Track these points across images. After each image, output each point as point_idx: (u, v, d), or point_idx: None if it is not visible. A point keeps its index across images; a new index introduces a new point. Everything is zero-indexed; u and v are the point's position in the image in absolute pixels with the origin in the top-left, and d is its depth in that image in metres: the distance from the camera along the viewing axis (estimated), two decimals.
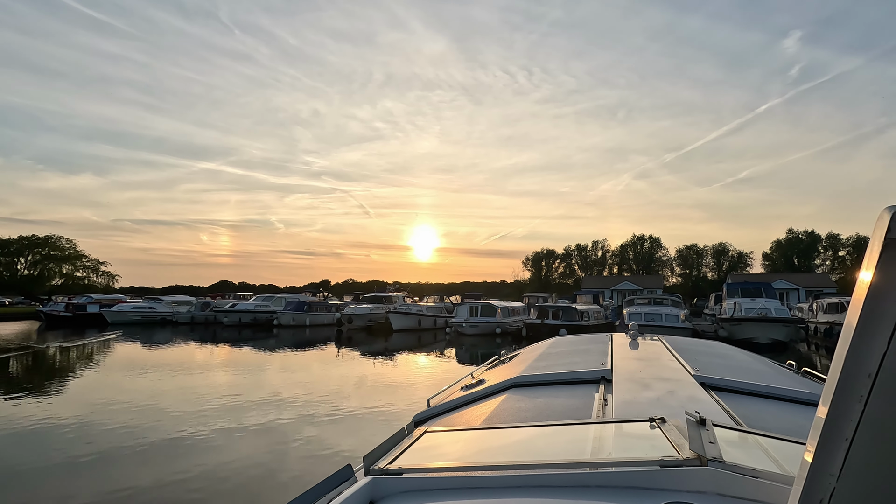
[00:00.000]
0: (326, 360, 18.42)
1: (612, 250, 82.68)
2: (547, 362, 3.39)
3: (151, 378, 13.65)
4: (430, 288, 74.45)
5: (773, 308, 23.19)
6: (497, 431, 1.92)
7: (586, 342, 4.16)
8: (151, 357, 18.42)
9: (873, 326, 0.75)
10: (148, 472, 6.28)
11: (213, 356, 19.10)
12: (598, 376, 2.72)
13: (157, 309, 36.59)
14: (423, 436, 1.82)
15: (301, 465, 6.67)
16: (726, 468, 1.22)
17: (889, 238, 0.68)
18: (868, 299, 0.73)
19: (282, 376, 14.62)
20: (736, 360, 3.51)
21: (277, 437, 7.91)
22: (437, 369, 16.55)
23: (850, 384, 0.80)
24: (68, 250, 67.96)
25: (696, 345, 4.16)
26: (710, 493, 1.20)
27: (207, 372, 15.03)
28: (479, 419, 2.33)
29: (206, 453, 7.05)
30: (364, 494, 1.33)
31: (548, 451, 1.64)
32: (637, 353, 3.45)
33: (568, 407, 2.30)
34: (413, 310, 32.81)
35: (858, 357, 0.77)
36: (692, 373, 2.73)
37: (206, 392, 11.52)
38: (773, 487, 1.15)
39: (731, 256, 74.41)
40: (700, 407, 2.03)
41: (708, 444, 1.33)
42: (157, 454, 7.02)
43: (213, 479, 6.08)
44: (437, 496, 1.30)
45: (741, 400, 2.38)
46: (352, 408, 9.98)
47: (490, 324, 27.01)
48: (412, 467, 1.44)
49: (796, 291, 47.81)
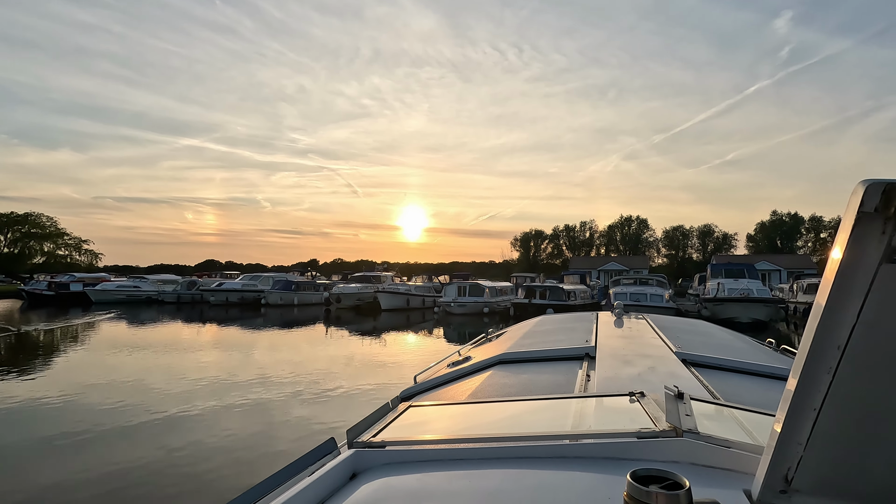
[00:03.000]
0: (314, 340, 18.45)
1: (599, 231, 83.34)
2: (533, 340, 3.43)
3: (137, 357, 13.57)
4: (419, 268, 74.55)
5: (754, 289, 23.65)
6: (481, 406, 1.94)
7: (572, 320, 4.21)
8: (137, 336, 18.29)
9: (843, 299, 0.76)
10: (133, 451, 6.29)
11: (199, 335, 19.02)
12: (583, 353, 2.76)
13: (143, 288, 36.16)
14: (408, 410, 1.84)
15: (288, 441, 6.73)
16: (700, 439, 1.25)
17: (862, 212, 0.69)
18: (839, 272, 0.74)
19: (270, 355, 14.63)
20: (717, 338, 3.58)
21: (265, 416, 7.95)
22: (425, 348, 16.69)
23: (820, 356, 0.81)
24: (49, 228, 66.54)
25: (678, 323, 4.23)
26: (685, 462, 1.23)
27: (194, 351, 14.98)
28: (465, 395, 2.36)
29: (193, 431, 7.07)
30: (347, 466, 1.34)
31: (530, 425, 1.67)
32: (621, 332, 3.50)
33: (552, 382, 2.34)
34: (401, 289, 32.86)
35: (828, 330, 0.79)
36: (674, 350, 2.78)
37: (193, 371, 11.50)
38: (745, 457, 1.19)
39: (716, 238, 75.47)
40: (679, 382, 2.08)
41: (684, 417, 1.36)
42: (142, 433, 7.03)
43: (199, 457, 6.11)
44: (419, 468, 1.31)
45: (720, 375, 2.43)
46: (340, 386, 10.05)
47: (478, 303, 27.19)
48: (395, 440, 1.46)
49: (778, 272, 48.77)
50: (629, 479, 0.83)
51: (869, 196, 0.68)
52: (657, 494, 0.80)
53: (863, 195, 0.68)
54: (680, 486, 0.82)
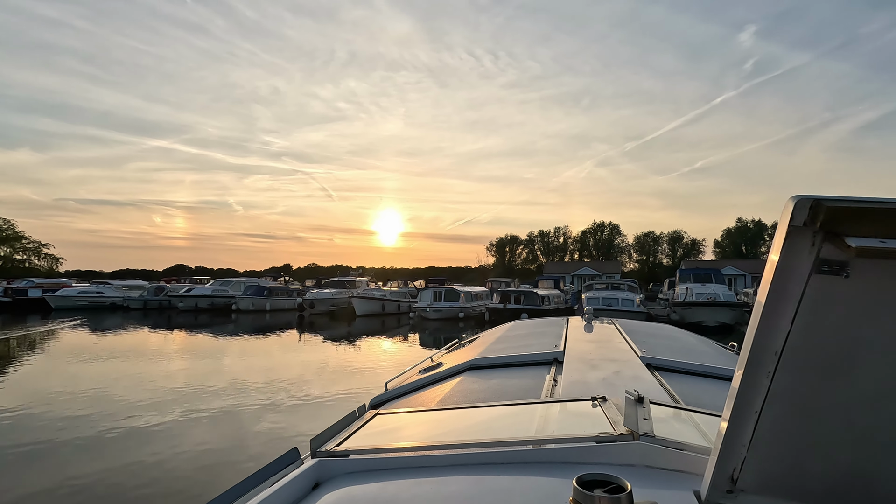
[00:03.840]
0: (287, 346, 18.13)
1: (573, 237, 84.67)
2: (504, 345, 3.46)
3: (100, 366, 13.07)
4: (395, 273, 74.28)
5: (721, 293, 24.41)
6: (449, 413, 1.95)
7: (543, 325, 4.27)
8: (100, 344, 17.61)
9: (779, 307, 0.80)
10: (94, 463, 6.05)
11: (167, 343, 18.45)
12: (551, 358, 2.80)
13: (107, 294, 34.86)
14: (374, 418, 1.84)
15: (257, 451, 6.58)
16: (656, 442, 1.29)
17: (792, 225, 0.73)
18: (774, 282, 0.78)
19: (240, 362, 14.31)
20: (681, 342, 3.68)
21: (233, 425, 7.76)
22: (400, 353, 16.60)
23: (759, 361, 0.86)
24: (6, 231, 63.53)
25: (645, 328, 4.33)
26: (640, 465, 1.26)
27: (161, 359, 14.52)
28: (434, 401, 2.36)
29: (157, 442, 6.85)
30: (309, 476, 1.33)
31: (496, 431, 1.69)
32: (590, 336, 3.57)
33: (520, 388, 2.37)
34: (376, 294, 32.62)
35: (766, 336, 0.83)
36: (639, 354, 2.85)
37: (159, 380, 11.14)
38: (697, 458, 1.23)
39: (685, 243, 77.60)
40: (642, 386, 2.13)
41: (642, 421, 1.40)
42: (104, 444, 6.77)
43: (163, 469, 5.92)
44: (383, 476, 1.31)
45: (682, 379, 2.50)
46: (312, 393, 9.89)
47: (453, 308, 27.22)
48: (360, 448, 1.45)
49: (743, 277, 50.43)
50: (574, 484, 0.86)
51: (798, 211, 0.73)
52: (600, 498, 0.83)
53: (792, 210, 0.73)
54: (623, 489, 0.85)
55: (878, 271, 0.75)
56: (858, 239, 0.70)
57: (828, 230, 0.72)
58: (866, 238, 0.70)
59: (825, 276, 0.75)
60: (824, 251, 0.74)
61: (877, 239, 0.70)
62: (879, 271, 0.75)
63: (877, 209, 0.71)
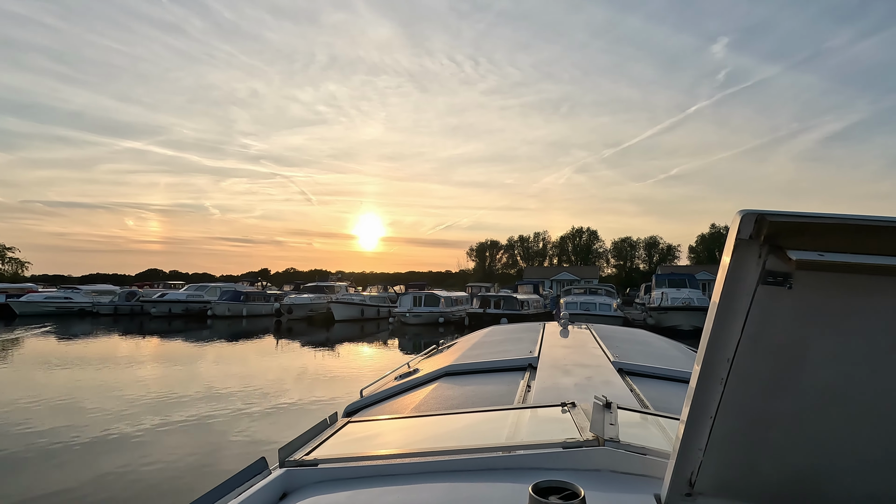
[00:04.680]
0: (264, 352, 17.83)
1: (552, 242, 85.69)
2: (480, 351, 3.48)
3: (67, 374, 12.62)
4: (375, 277, 73.77)
5: (695, 298, 24.96)
6: (422, 420, 1.95)
7: (520, 331, 4.30)
8: (68, 351, 17.02)
9: (729, 316, 0.84)
10: (57, 475, 5.83)
11: (139, 349, 17.94)
12: (526, 364, 2.83)
13: (75, 299, 33.70)
14: (346, 426, 1.83)
15: (229, 461, 6.44)
16: (620, 447, 1.31)
17: (739, 238, 0.77)
18: (724, 292, 0.82)
19: (215, 369, 14.00)
20: (653, 347, 3.75)
21: (206, 434, 7.59)
22: (379, 359, 16.48)
23: (713, 368, 0.89)
24: None
25: (620, 333, 4.40)
26: (605, 470, 1.29)
27: (131, 366, 14.10)
28: (408, 408, 2.36)
29: (125, 453, 6.65)
30: (277, 486, 1.31)
31: (468, 437, 1.69)
32: (565, 342, 3.61)
33: (494, 394, 2.38)
34: (356, 299, 32.36)
35: (718, 343, 0.87)
36: (612, 359, 2.89)
37: (129, 388, 10.82)
38: (660, 463, 1.26)
39: (661, 249, 79.30)
40: (612, 391, 2.17)
41: (608, 426, 1.43)
42: (68, 455, 6.53)
43: (131, 481, 5.74)
44: (352, 485, 1.31)
45: (652, 384, 2.55)
46: (289, 401, 9.74)
47: (433, 313, 27.17)
48: (329, 457, 1.45)
49: None
50: (530, 491, 0.88)
51: (744, 224, 0.76)
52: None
53: (739, 223, 0.76)
54: (577, 495, 0.87)
55: (818, 283, 0.79)
56: (799, 252, 0.74)
57: (772, 243, 0.76)
58: (806, 251, 0.74)
59: (771, 286, 0.79)
60: (769, 263, 0.78)
61: (816, 252, 0.74)
62: (819, 283, 0.79)
63: (815, 224, 0.74)
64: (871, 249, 0.74)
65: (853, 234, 0.74)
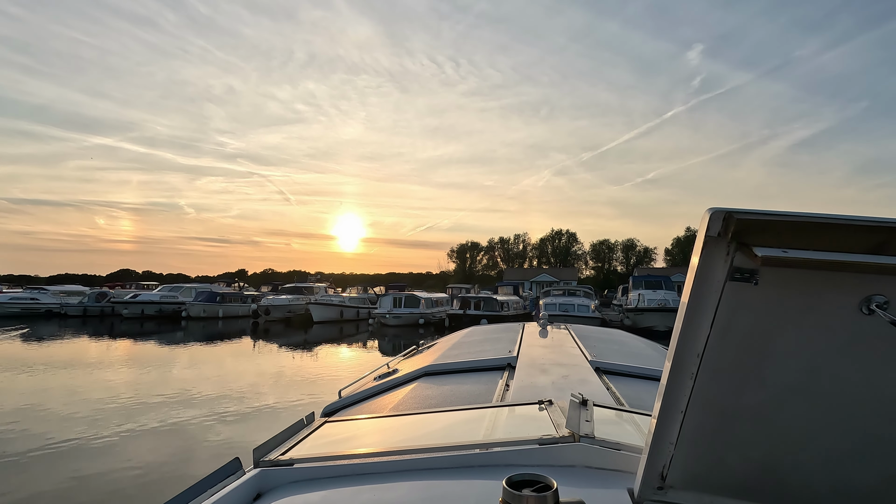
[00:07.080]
0: (240, 354, 17.51)
1: (532, 244, 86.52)
2: (460, 351, 3.48)
3: (32, 378, 12.18)
4: (355, 279, 73.20)
5: (671, 299, 25.52)
6: (399, 419, 1.95)
7: (499, 331, 4.33)
8: (33, 354, 16.42)
9: (699, 312, 0.86)
10: (20, 481, 5.62)
11: (109, 352, 17.42)
12: (504, 363, 2.85)
13: (42, 300, 32.56)
14: (323, 426, 1.81)
15: (203, 464, 6.30)
16: (595, 443, 1.33)
17: (708, 236, 0.79)
18: (693, 289, 0.84)
19: (189, 372, 13.68)
20: (630, 347, 3.82)
21: (179, 438, 7.41)
22: (358, 361, 16.36)
23: (683, 363, 0.91)
24: None
25: (597, 333, 4.47)
26: (580, 465, 1.31)
27: (101, 369, 13.68)
28: (387, 408, 2.35)
29: (94, 458, 6.44)
30: (250, 487, 1.30)
31: (446, 436, 1.70)
32: (543, 341, 3.65)
33: (472, 393, 2.39)
34: (335, 301, 32.06)
35: (688, 339, 0.89)
36: (589, 358, 2.94)
37: (97, 391, 10.50)
38: (633, 458, 1.29)
39: (638, 251, 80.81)
40: (589, 389, 2.20)
41: (584, 423, 1.45)
42: (32, 461, 6.30)
43: (98, 485, 5.57)
44: (327, 484, 1.30)
45: (628, 382, 2.60)
46: (265, 404, 9.59)
47: (413, 314, 27.11)
48: (305, 457, 1.43)
49: None
50: (504, 484, 0.89)
51: (713, 222, 0.78)
52: (527, 497, 0.87)
53: (708, 221, 0.78)
54: (549, 487, 0.88)
55: (782, 279, 0.82)
56: (764, 249, 0.76)
57: (739, 240, 0.78)
58: (771, 248, 0.76)
59: (738, 283, 0.81)
60: (737, 260, 0.80)
61: (780, 249, 0.76)
62: (784, 279, 0.82)
63: (780, 221, 0.77)
64: (833, 246, 0.77)
65: (815, 232, 0.77)
